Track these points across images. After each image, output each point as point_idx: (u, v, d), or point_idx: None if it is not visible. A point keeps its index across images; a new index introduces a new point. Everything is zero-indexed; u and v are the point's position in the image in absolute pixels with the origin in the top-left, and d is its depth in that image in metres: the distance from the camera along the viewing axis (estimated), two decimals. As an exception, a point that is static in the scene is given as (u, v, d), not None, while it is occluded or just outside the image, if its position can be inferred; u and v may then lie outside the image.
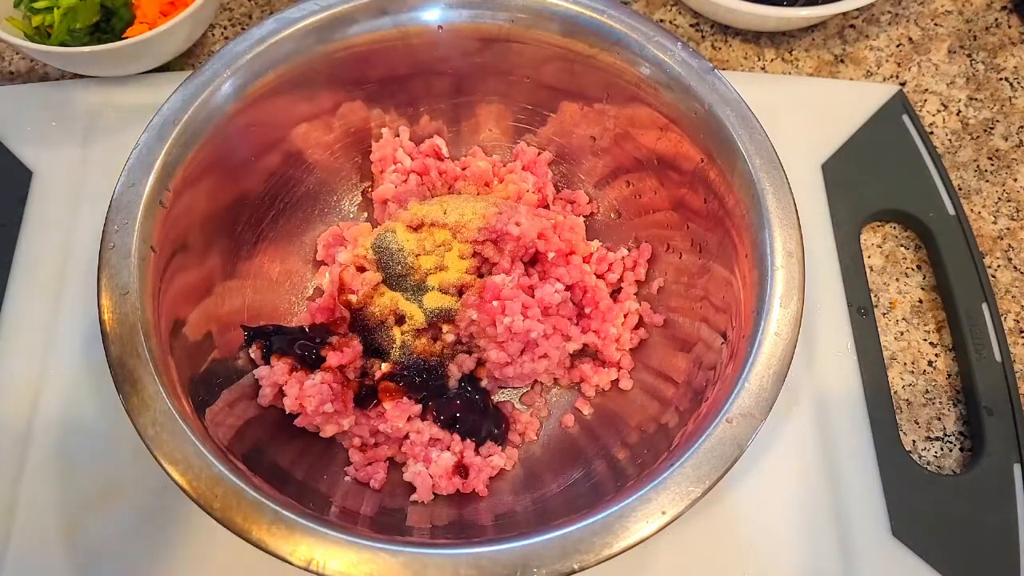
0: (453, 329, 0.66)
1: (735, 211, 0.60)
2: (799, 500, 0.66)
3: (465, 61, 0.69)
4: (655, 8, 0.92)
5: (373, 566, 0.47)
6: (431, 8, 0.65)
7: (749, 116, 0.61)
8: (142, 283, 0.55)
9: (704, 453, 0.51)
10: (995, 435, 0.69)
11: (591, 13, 0.64)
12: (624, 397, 0.68)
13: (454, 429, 0.65)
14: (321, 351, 0.64)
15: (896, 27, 0.91)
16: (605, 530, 0.49)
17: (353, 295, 0.66)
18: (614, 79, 0.66)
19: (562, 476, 0.63)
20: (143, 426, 0.50)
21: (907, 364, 0.75)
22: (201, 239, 0.62)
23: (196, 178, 0.60)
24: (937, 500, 0.66)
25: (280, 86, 0.64)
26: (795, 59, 0.89)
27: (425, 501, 0.62)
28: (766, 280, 0.56)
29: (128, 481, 0.64)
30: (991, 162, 0.84)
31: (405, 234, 0.67)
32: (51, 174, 0.76)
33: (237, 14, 0.89)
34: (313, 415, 0.62)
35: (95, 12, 0.77)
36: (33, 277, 0.72)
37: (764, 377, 0.53)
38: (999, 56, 0.90)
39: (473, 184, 0.73)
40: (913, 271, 0.79)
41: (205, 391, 0.58)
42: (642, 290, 0.72)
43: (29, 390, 0.67)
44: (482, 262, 0.67)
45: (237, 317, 0.66)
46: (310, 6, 0.63)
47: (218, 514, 0.48)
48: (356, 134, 0.73)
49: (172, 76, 0.81)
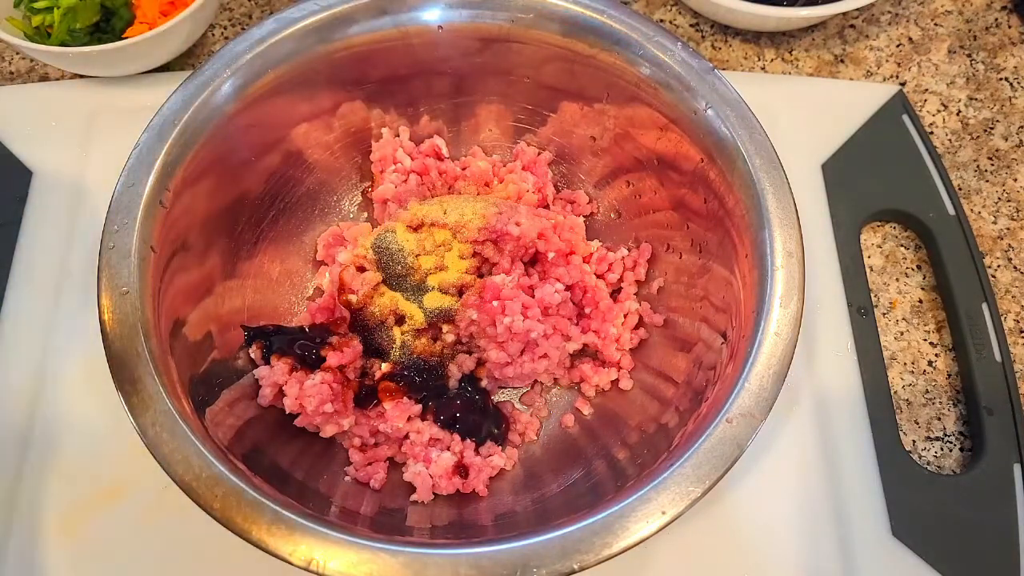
0: (453, 329, 0.66)
1: (735, 211, 0.60)
2: (799, 500, 0.66)
3: (465, 61, 0.69)
4: (655, 8, 0.92)
5: (373, 566, 0.47)
6: (431, 8, 0.65)
7: (749, 116, 0.61)
8: (142, 283, 0.55)
9: (704, 453, 0.51)
10: (995, 435, 0.69)
11: (591, 13, 0.64)
12: (624, 397, 0.68)
13: (454, 429, 0.65)
14: (321, 351, 0.64)
15: (896, 27, 0.91)
16: (605, 530, 0.49)
17: (353, 295, 0.66)
18: (614, 79, 0.66)
19: (562, 476, 0.63)
20: (143, 426, 0.50)
21: (907, 364, 0.75)
22: (201, 239, 0.62)
23: (196, 178, 0.60)
24: (937, 500, 0.66)
25: (280, 86, 0.64)
26: (795, 59, 0.89)
27: (425, 501, 0.62)
28: (766, 280, 0.56)
29: (128, 481, 0.64)
30: (991, 162, 0.84)
31: (405, 234, 0.67)
32: (51, 174, 0.76)
33: (237, 14, 0.89)
34: (313, 415, 0.62)
35: (95, 12, 0.77)
36: (33, 277, 0.72)
37: (764, 377, 0.53)
38: (999, 56, 0.90)
39: (473, 184, 0.73)
40: (913, 271, 0.79)
41: (205, 391, 0.58)
42: (642, 290, 0.72)
43: (29, 390, 0.67)
44: (482, 262, 0.67)
45: (237, 317, 0.66)
46: (310, 6, 0.63)
47: (218, 514, 0.48)
48: (356, 134, 0.73)
49: (172, 76, 0.81)
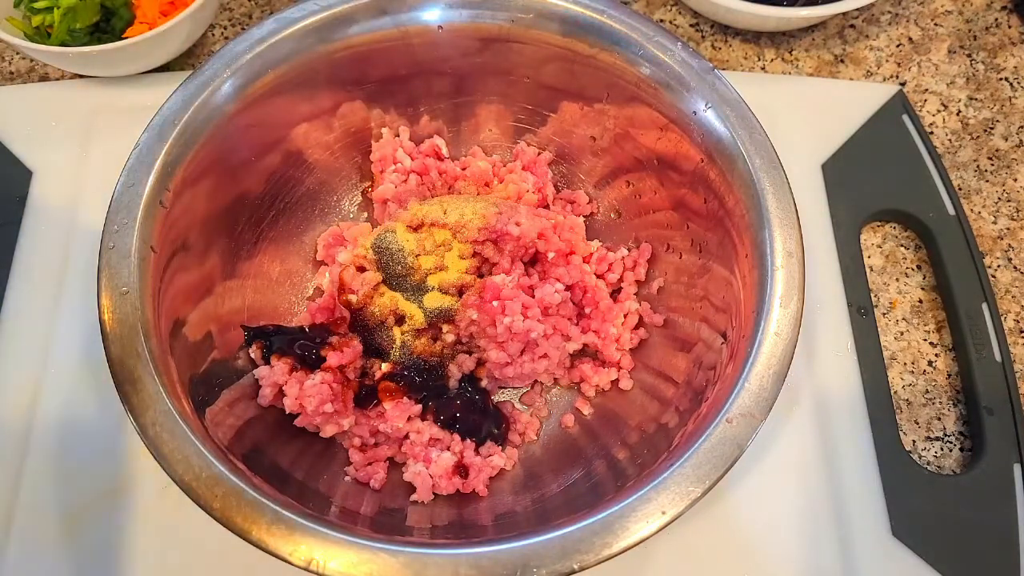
0: (453, 329, 0.66)
1: (735, 211, 0.60)
2: (799, 500, 0.66)
3: (465, 61, 0.69)
4: (655, 8, 0.92)
5: (373, 566, 0.47)
6: (431, 8, 0.65)
7: (749, 116, 0.61)
8: (142, 283, 0.55)
9: (704, 453, 0.51)
10: (995, 435, 0.69)
11: (591, 13, 0.64)
12: (624, 397, 0.68)
13: (454, 429, 0.65)
14: (321, 351, 0.64)
15: (896, 27, 0.91)
16: (605, 530, 0.49)
17: (353, 295, 0.66)
18: (614, 79, 0.66)
19: (562, 476, 0.63)
20: (143, 426, 0.50)
21: (907, 364, 0.75)
22: (201, 239, 0.62)
23: (196, 178, 0.60)
24: (937, 500, 0.66)
25: (280, 86, 0.64)
26: (795, 59, 0.89)
27: (425, 501, 0.62)
28: (766, 280, 0.56)
29: (128, 481, 0.64)
30: (991, 162, 0.84)
31: (405, 234, 0.67)
32: (51, 174, 0.76)
33: (237, 14, 0.89)
34: (313, 415, 0.62)
35: (95, 12, 0.77)
36: (33, 277, 0.72)
37: (764, 377, 0.53)
38: (999, 56, 0.90)
39: (473, 184, 0.73)
40: (913, 271, 0.79)
41: (205, 391, 0.58)
42: (642, 290, 0.72)
43: (29, 390, 0.67)
44: (482, 262, 0.67)
45: (237, 317, 0.66)
46: (310, 6, 0.63)
47: (218, 514, 0.48)
48: (356, 134, 0.73)
49: (172, 76, 0.81)
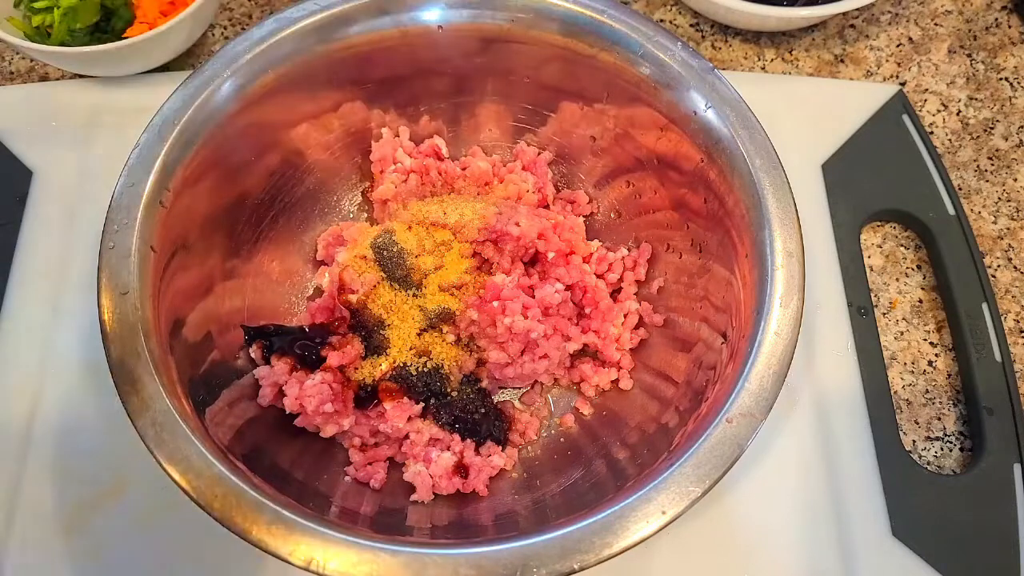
0: (453, 329, 0.66)
1: (735, 211, 0.60)
2: (799, 500, 0.66)
3: (465, 61, 0.69)
4: (655, 8, 0.92)
5: (373, 566, 0.47)
6: (431, 8, 0.65)
7: (749, 116, 0.61)
8: (142, 283, 0.55)
9: (704, 453, 0.51)
10: (995, 435, 0.69)
11: (591, 13, 0.64)
12: (624, 397, 0.68)
13: (454, 429, 0.65)
14: (321, 351, 0.64)
15: (896, 27, 0.91)
16: (605, 530, 0.49)
17: (353, 295, 0.66)
18: (614, 79, 0.66)
19: (562, 476, 0.63)
20: (143, 426, 0.50)
21: (907, 364, 0.74)
22: (201, 239, 0.62)
23: (196, 178, 0.60)
24: (937, 500, 0.66)
25: (280, 86, 0.64)
26: (795, 59, 0.89)
27: (425, 501, 0.62)
28: (766, 280, 0.56)
29: (128, 481, 0.64)
30: (991, 162, 0.84)
31: (405, 234, 0.67)
32: (51, 174, 0.76)
33: (237, 14, 0.89)
34: (313, 415, 0.62)
35: (95, 12, 0.77)
36: (33, 277, 0.72)
37: (764, 377, 0.53)
38: (999, 56, 0.90)
39: (473, 184, 0.73)
40: (913, 271, 0.79)
41: (205, 391, 0.58)
42: (642, 290, 0.72)
43: (29, 390, 0.67)
44: (482, 262, 0.67)
45: (237, 317, 0.66)
46: (310, 6, 0.63)
47: (218, 514, 0.48)
48: (356, 134, 0.73)
49: (172, 76, 0.81)
